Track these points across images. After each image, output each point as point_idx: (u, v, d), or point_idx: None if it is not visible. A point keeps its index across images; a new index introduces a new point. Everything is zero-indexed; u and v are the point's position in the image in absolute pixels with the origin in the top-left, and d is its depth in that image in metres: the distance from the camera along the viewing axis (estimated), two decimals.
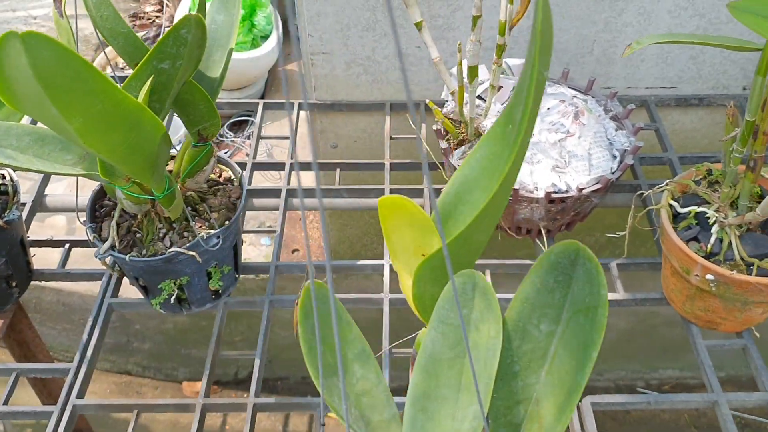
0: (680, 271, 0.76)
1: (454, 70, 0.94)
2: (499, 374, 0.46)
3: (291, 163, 1.05)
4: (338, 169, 1.06)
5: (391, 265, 0.90)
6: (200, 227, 0.78)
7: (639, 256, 0.93)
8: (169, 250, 0.75)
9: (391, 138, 1.09)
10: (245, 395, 1.76)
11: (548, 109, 0.91)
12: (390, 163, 1.05)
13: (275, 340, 1.68)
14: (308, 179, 1.48)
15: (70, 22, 0.68)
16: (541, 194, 0.82)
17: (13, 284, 0.87)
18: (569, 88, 0.95)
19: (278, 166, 1.07)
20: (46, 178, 1.03)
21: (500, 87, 0.91)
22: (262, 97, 1.94)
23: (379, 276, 0.90)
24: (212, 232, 0.76)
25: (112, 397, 1.76)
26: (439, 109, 0.89)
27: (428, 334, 0.44)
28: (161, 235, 0.77)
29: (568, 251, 0.45)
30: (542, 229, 0.89)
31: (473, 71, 0.83)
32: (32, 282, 0.90)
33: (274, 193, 1.01)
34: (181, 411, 0.77)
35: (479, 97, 0.94)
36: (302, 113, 1.18)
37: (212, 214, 0.79)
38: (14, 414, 0.78)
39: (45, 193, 1.02)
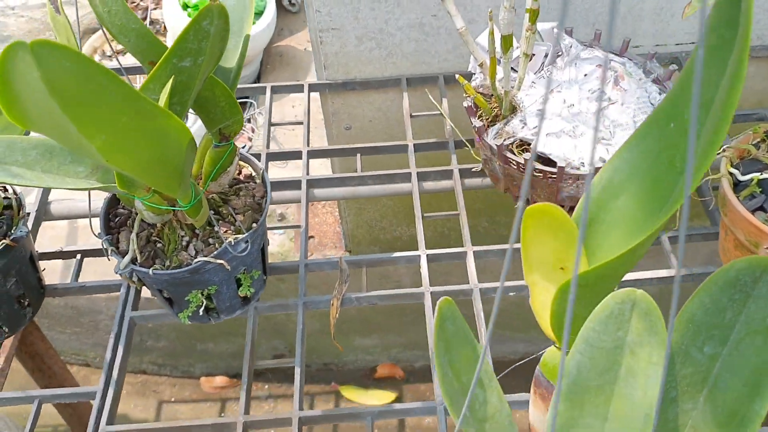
0: (747, 244, 0.71)
1: (480, 39, 0.88)
2: None
3: (308, 151, 0.99)
4: (359, 154, 0.99)
5: (428, 256, 0.84)
6: (226, 232, 0.71)
7: (689, 227, 0.87)
8: (196, 260, 0.69)
9: (411, 116, 1.02)
10: (265, 386, 1.72)
11: (585, 75, 0.84)
12: (414, 144, 0.98)
13: (291, 328, 1.63)
14: (321, 167, 1.41)
15: (68, 18, 0.61)
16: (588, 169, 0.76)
17: (26, 303, 0.81)
18: (604, 51, 0.89)
19: (294, 155, 1.00)
20: None
21: (532, 55, 0.85)
22: (258, 77, 1.86)
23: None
24: (240, 236, 0.70)
25: (129, 399, 1.72)
26: (470, 84, 0.83)
27: (572, 358, 0.38)
28: (184, 243, 0.71)
29: (752, 267, 0.39)
30: None
31: (508, 41, 0.76)
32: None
33: (293, 185, 0.95)
34: (222, 431, 0.72)
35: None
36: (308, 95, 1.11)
37: (237, 217, 0.73)
38: None
39: (49, 200, 0.95)
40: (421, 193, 0.92)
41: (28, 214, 0.90)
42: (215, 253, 0.69)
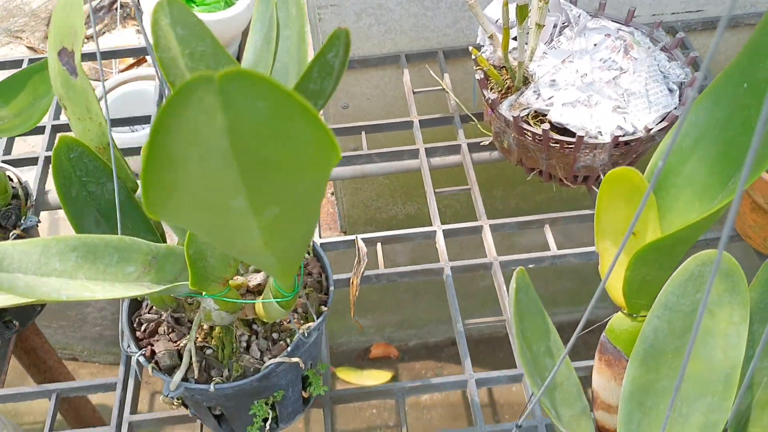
0: (765, 206, 0.72)
1: (488, 11, 0.87)
2: None
3: None
4: (363, 132, 0.98)
5: (445, 231, 0.83)
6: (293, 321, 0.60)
7: None
8: (267, 362, 0.57)
9: (414, 92, 1.01)
10: None
11: (595, 45, 0.84)
12: (419, 120, 0.97)
13: None
14: None
15: (88, 81, 0.55)
16: (606, 139, 0.76)
17: None
18: (610, 20, 0.89)
19: None
20: (47, 170, 0.93)
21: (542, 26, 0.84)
22: (238, 59, 1.83)
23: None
24: (311, 324, 0.58)
25: None
26: (483, 56, 0.82)
27: (649, 323, 0.38)
28: (244, 344, 0.59)
29: None
30: (601, 175, 0.83)
31: (523, 11, 0.76)
32: None
33: None
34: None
35: (515, 38, 0.87)
36: None
37: (303, 300, 0.62)
38: None
39: (46, 189, 0.92)
40: (430, 169, 0.92)
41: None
42: (289, 349, 0.57)
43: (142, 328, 0.61)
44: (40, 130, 0.97)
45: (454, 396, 1.63)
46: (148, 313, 0.61)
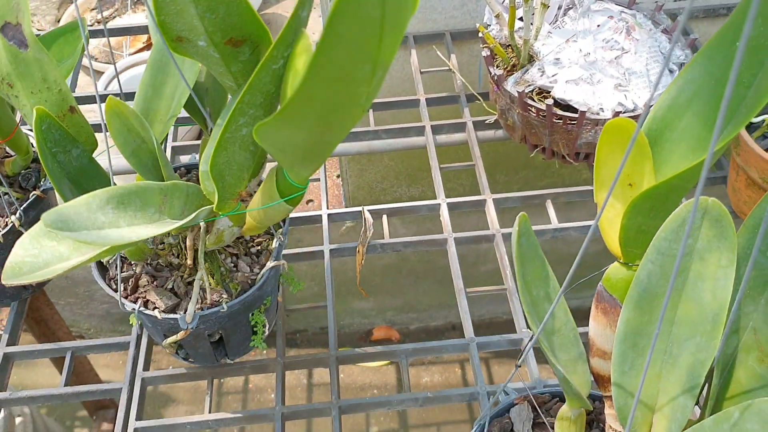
0: (760, 182, 0.74)
1: None
2: None
3: None
4: (371, 110, 1.00)
5: (449, 204, 0.86)
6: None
7: None
8: (264, 269, 0.62)
9: (421, 72, 1.03)
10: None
11: (598, 26, 0.87)
12: (425, 99, 1.00)
13: (288, 294, 1.65)
14: None
15: (43, 50, 0.56)
16: (608, 115, 0.79)
17: None
18: (613, 3, 0.91)
19: None
20: None
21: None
22: None
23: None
24: (283, 228, 0.64)
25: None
26: (490, 34, 0.84)
27: (643, 268, 0.41)
28: (232, 265, 0.64)
29: None
30: None
31: None
32: None
33: None
34: (260, 372, 0.73)
35: (520, 19, 0.89)
36: None
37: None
38: (78, 394, 0.73)
39: None
40: (436, 146, 0.94)
41: None
42: (274, 254, 0.63)
43: (123, 287, 0.63)
44: None
45: (456, 405, 1.66)
46: (122, 272, 0.64)
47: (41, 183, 0.74)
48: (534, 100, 0.81)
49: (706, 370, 0.42)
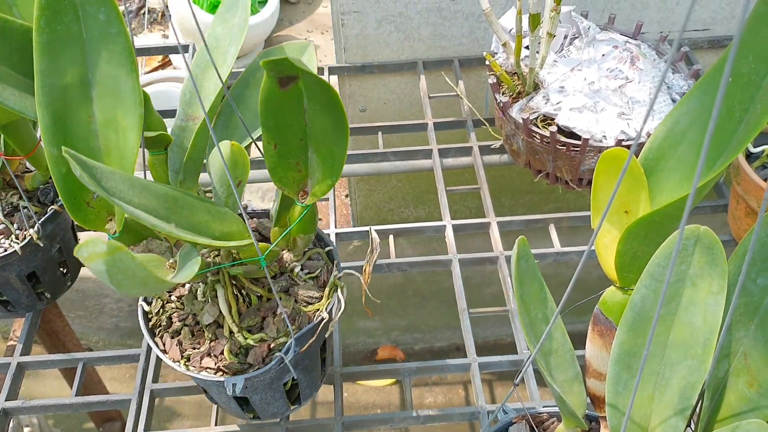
0: (759, 210, 0.76)
1: (502, 21, 0.92)
2: None
3: None
4: (380, 132, 1.03)
5: (454, 226, 0.88)
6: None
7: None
8: (333, 277, 0.63)
9: (429, 97, 1.06)
10: None
11: (603, 55, 0.89)
12: (433, 123, 1.02)
13: None
14: None
15: None
16: (610, 143, 0.81)
17: (65, 271, 0.84)
18: (618, 33, 0.94)
19: None
20: None
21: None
22: None
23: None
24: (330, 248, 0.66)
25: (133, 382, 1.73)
26: (497, 62, 0.87)
27: (637, 292, 0.42)
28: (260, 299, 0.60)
29: None
30: None
31: (536, 19, 0.81)
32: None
33: None
34: None
35: (527, 47, 0.92)
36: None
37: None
38: (89, 404, 0.75)
39: None
40: (442, 169, 0.96)
41: None
42: (336, 262, 0.65)
43: (158, 328, 0.61)
44: None
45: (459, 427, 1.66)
46: (157, 315, 0.62)
47: (59, 198, 0.77)
48: (538, 127, 0.84)
49: (698, 392, 0.43)
